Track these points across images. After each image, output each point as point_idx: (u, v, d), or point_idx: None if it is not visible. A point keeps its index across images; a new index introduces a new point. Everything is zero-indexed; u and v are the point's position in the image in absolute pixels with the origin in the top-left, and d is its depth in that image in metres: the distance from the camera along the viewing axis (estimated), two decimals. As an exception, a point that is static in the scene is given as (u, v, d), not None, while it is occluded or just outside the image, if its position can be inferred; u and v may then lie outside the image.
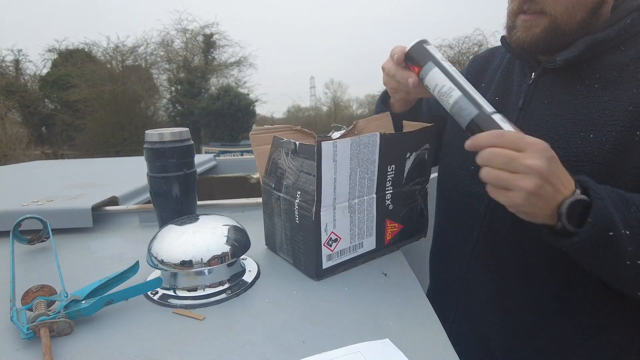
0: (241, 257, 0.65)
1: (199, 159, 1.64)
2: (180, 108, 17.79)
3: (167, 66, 17.99)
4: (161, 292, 0.59)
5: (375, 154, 0.62)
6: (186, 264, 0.56)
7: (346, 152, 0.59)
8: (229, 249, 0.58)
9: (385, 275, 0.64)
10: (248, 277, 0.63)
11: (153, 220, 0.86)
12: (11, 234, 0.75)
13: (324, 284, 0.62)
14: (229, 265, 0.61)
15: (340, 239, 0.63)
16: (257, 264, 0.68)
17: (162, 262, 0.56)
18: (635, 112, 0.54)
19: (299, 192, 0.61)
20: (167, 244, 0.58)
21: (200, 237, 0.58)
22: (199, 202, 0.86)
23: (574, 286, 0.61)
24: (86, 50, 16.63)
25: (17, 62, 16.18)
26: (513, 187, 0.48)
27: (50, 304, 0.53)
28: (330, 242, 0.62)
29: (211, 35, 18.09)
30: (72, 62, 15.80)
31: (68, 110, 15.35)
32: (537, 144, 0.48)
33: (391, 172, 0.65)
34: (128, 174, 1.30)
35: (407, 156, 0.67)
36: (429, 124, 0.69)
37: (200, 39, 18.18)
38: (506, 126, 0.52)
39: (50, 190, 1.05)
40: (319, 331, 0.50)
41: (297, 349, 0.46)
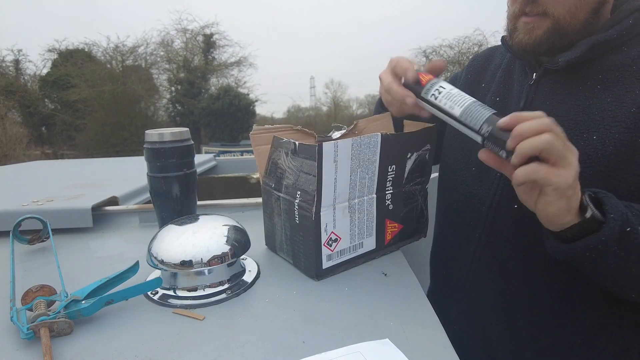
0: (241, 257, 0.65)
1: (199, 159, 1.64)
2: (180, 108, 17.80)
3: (167, 66, 18.00)
4: (161, 292, 0.59)
5: (376, 154, 0.62)
6: (186, 264, 0.56)
7: (347, 152, 0.59)
8: (229, 249, 0.58)
9: (385, 275, 0.64)
10: (248, 277, 0.63)
11: (153, 220, 0.86)
12: (11, 234, 0.75)
13: (324, 284, 0.62)
14: (229, 265, 0.61)
15: (340, 239, 0.63)
16: (257, 264, 0.68)
17: (162, 262, 0.56)
18: (639, 113, 0.54)
19: (299, 192, 0.61)
20: (167, 244, 0.58)
21: (200, 237, 0.58)
22: (199, 202, 0.86)
23: (575, 287, 0.61)
24: (86, 50, 16.64)
25: (17, 62, 16.18)
26: (568, 162, 0.46)
27: (50, 304, 0.53)
28: (330, 242, 0.62)
29: (211, 35, 18.10)
30: (72, 62, 15.81)
31: (68, 110, 15.35)
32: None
33: (392, 173, 0.65)
34: (128, 174, 1.30)
35: (408, 156, 0.67)
36: (430, 125, 0.68)
37: (200, 39, 18.19)
38: None
39: (50, 190, 1.05)
40: (319, 331, 0.50)
41: (297, 349, 0.46)
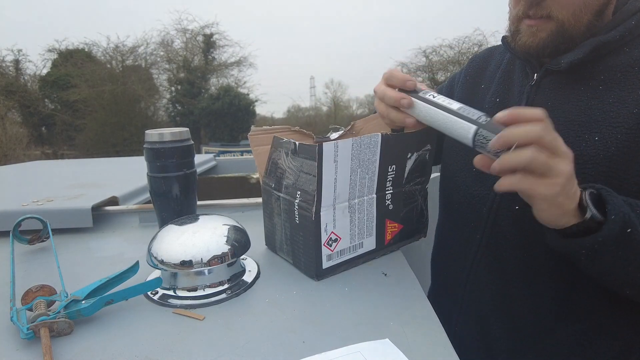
0: (241, 257, 0.65)
1: (199, 159, 1.64)
2: (180, 108, 17.81)
3: (167, 66, 18.01)
4: (161, 292, 0.59)
5: (376, 154, 0.62)
6: (186, 264, 0.56)
7: (347, 152, 0.59)
8: (229, 249, 0.58)
9: (385, 275, 0.64)
10: (248, 277, 0.63)
11: (153, 220, 0.86)
12: (11, 234, 0.75)
13: (324, 284, 0.62)
14: (229, 265, 0.61)
15: (340, 239, 0.63)
16: (257, 264, 0.68)
17: (162, 262, 0.56)
18: None
19: (298, 192, 0.61)
20: (167, 244, 0.58)
21: (200, 237, 0.58)
22: (199, 202, 0.86)
23: (576, 287, 0.61)
24: (86, 50, 16.65)
25: (17, 62, 16.19)
26: (556, 171, 0.45)
27: (50, 304, 0.53)
28: (330, 242, 0.62)
29: (211, 35, 18.12)
30: (72, 62, 15.81)
31: (68, 110, 15.35)
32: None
33: (392, 173, 0.65)
34: (128, 174, 1.30)
35: (408, 156, 0.67)
36: None
37: (200, 39, 18.20)
38: None
39: (50, 190, 1.05)
40: (319, 331, 0.50)
41: (297, 349, 0.46)
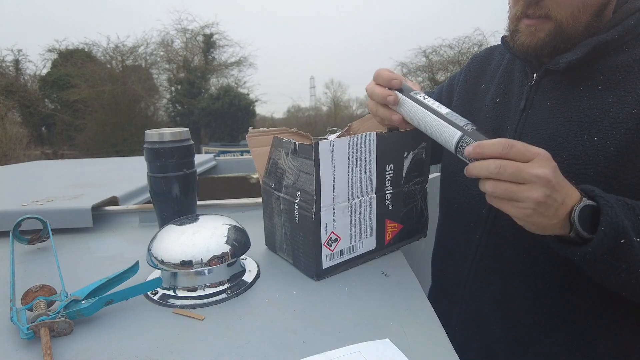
0: (241, 257, 0.65)
1: (199, 159, 1.64)
2: (180, 108, 17.80)
3: (167, 66, 18.00)
4: (161, 292, 0.59)
5: (372, 152, 0.62)
6: (186, 264, 0.56)
7: (344, 151, 0.59)
8: (229, 249, 0.58)
9: (385, 275, 0.64)
10: (248, 277, 0.63)
11: (153, 220, 0.86)
12: (11, 234, 0.75)
13: (324, 284, 0.62)
14: (229, 265, 0.61)
15: (340, 238, 0.63)
16: (257, 264, 0.68)
17: (162, 262, 0.56)
18: None
19: (298, 192, 0.61)
20: (167, 244, 0.58)
21: (200, 237, 0.58)
22: (199, 202, 0.86)
23: (575, 288, 0.60)
24: (86, 50, 16.63)
25: (17, 62, 16.17)
26: (522, 198, 0.47)
27: (50, 304, 0.53)
28: (330, 242, 0.62)
29: (211, 35, 18.10)
30: (72, 62, 15.80)
31: (68, 110, 15.34)
32: (542, 154, 0.47)
33: (390, 172, 0.66)
34: (128, 174, 1.30)
35: (404, 155, 0.67)
36: None
37: (200, 39, 18.19)
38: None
39: (50, 190, 1.05)
40: (319, 331, 0.50)
41: (297, 349, 0.46)
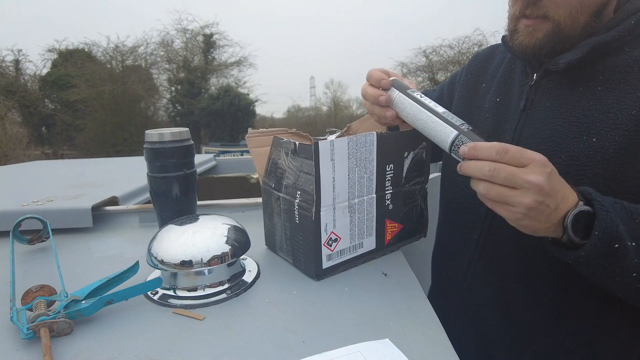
0: (241, 257, 0.65)
1: (199, 159, 1.64)
2: (180, 108, 17.80)
3: (167, 66, 18.00)
4: (161, 292, 0.59)
5: (372, 152, 0.62)
6: (186, 264, 0.56)
7: (344, 151, 0.59)
8: (229, 249, 0.58)
9: (385, 275, 0.64)
10: (248, 277, 0.63)
11: (153, 220, 0.86)
12: (11, 234, 0.75)
13: (324, 284, 0.62)
14: (229, 265, 0.61)
15: (340, 238, 0.63)
16: (257, 264, 0.68)
17: (162, 262, 0.56)
18: None
19: (298, 192, 0.61)
20: (167, 244, 0.58)
21: (200, 237, 0.58)
22: (199, 202, 0.86)
23: (573, 288, 0.60)
24: (86, 50, 16.63)
25: (17, 62, 16.17)
26: (513, 203, 0.48)
27: (50, 304, 0.53)
28: (330, 242, 0.62)
29: (211, 35, 18.10)
30: (72, 62, 15.79)
31: (68, 110, 15.34)
32: (537, 159, 0.47)
33: (390, 172, 0.66)
34: (128, 174, 1.31)
35: (405, 155, 0.67)
36: None
37: (200, 39, 18.19)
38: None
39: (50, 190, 1.05)
40: (319, 331, 0.50)
41: (297, 349, 0.46)
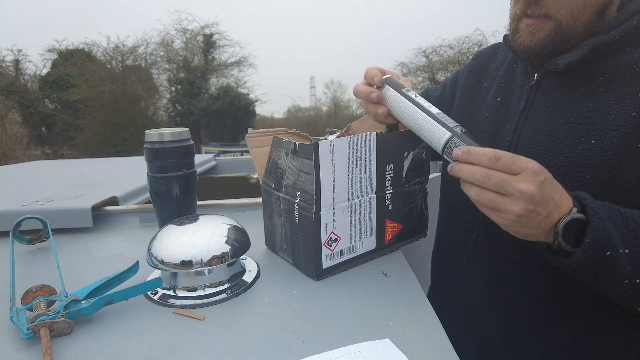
0: (241, 257, 0.65)
1: (199, 159, 1.64)
2: (180, 108, 17.79)
3: (167, 66, 17.99)
4: (161, 292, 0.59)
5: (372, 152, 0.62)
6: (186, 264, 0.56)
7: (343, 151, 0.59)
8: (229, 249, 0.58)
9: (385, 275, 0.64)
10: (248, 277, 0.63)
11: (153, 220, 0.86)
12: (11, 234, 0.75)
13: (324, 284, 0.62)
14: (229, 265, 0.61)
15: (340, 238, 0.63)
16: (257, 264, 0.68)
17: (162, 262, 0.56)
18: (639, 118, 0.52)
19: (298, 192, 0.61)
20: (167, 244, 0.58)
21: (200, 237, 0.58)
22: (199, 202, 0.86)
23: (570, 289, 0.60)
24: (86, 50, 16.62)
25: (17, 62, 16.16)
26: (503, 210, 0.48)
27: (50, 304, 0.53)
28: (330, 242, 0.62)
29: (211, 35, 18.10)
30: (72, 62, 15.79)
31: (68, 110, 15.33)
32: (530, 168, 0.47)
33: (390, 172, 0.66)
34: (128, 174, 1.31)
35: (405, 155, 0.67)
36: None
37: (200, 39, 18.18)
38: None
39: (50, 190, 1.05)
40: (319, 331, 0.50)
41: (297, 349, 0.46)
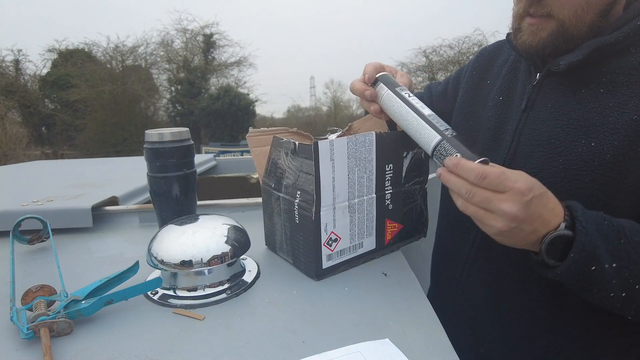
0: (241, 257, 0.65)
1: (199, 159, 1.64)
2: (180, 108, 17.79)
3: (167, 66, 17.98)
4: (161, 292, 0.59)
5: (372, 152, 0.62)
6: (186, 264, 0.56)
7: (343, 151, 0.59)
8: (229, 249, 0.58)
9: (385, 275, 0.64)
10: (248, 277, 0.63)
11: (153, 220, 0.86)
12: (11, 234, 0.75)
13: (324, 284, 0.62)
14: (229, 265, 0.61)
15: (340, 238, 0.63)
16: (257, 264, 0.68)
17: (162, 262, 0.56)
18: None
19: (298, 192, 0.61)
20: (167, 244, 0.58)
21: (200, 237, 0.58)
22: (199, 202, 0.86)
23: (567, 292, 0.59)
24: (86, 50, 16.61)
25: (17, 62, 16.16)
26: (487, 224, 0.49)
27: (50, 304, 0.53)
28: (330, 242, 0.62)
29: (211, 35, 18.09)
30: (72, 62, 15.78)
31: (68, 110, 15.32)
32: (516, 188, 0.47)
33: (389, 172, 0.66)
34: (128, 174, 1.31)
35: (404, 155, 0.67)
36: None
37: (200, 39, 18.17)
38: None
39: (50, 190, 1.05)
40: (319, 331, 0.50)
41: (297, 349, 0.46)
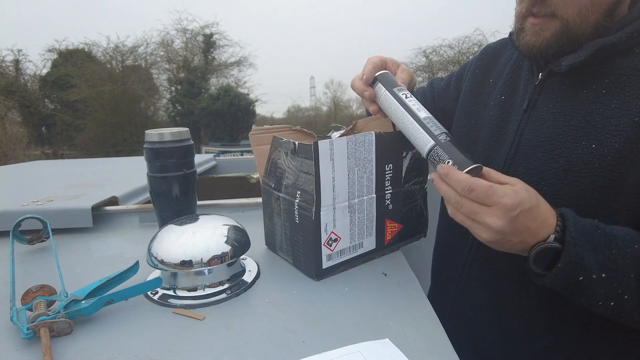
0: (241, 257, 0.65)
1: (199, 159, 1.64)
2: (180, 108, 17.78)
3: (167, 66, 17.97)
4: (161, 292, 0.59)
5: (371, 152, 0.62)
6: (186, 264, 0.56)
7: (343, 151, 0.59)
8: (229, 249, 0.58)
9: (385, 275, 0.64)
10: (248, 277, 0.63)
11: (153, 220, 0.86)
12: (11, 234, 0.75)
13: (324, 284, 0.62)
14: (229, 265, 0.61)
15: (340, 238, 0.63)
16: (257, 264, 0.68)
17: (162, 262, 0.56)
18: None
19: (298, 192, 0.61)
20: (167, 244, 0.58)
21: (200, 237, 0.58)
22: (199, 202, 0.86)
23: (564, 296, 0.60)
24: (86, 50, 16.61)
25: (17, 62, 16.15)
26: (475, 232, 0.51)
27: (50, 304, 0.53)
28: (330, 242, 0.62)
29: (211, 35, 18.08)
30: (72, 62, 15.77)
31: (68, 110, 15.32)
32: (502, 203, 0.47)
33: (389, 172, 0.66)
34: (128, 174, 1.31)
35: (403, 155, 0.67)
36: None
37: (200, 39, 18.17)
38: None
39: (50, 190, 1.05)
40: (319, 331, 0.50)
41: (297, 349, 0.46)
